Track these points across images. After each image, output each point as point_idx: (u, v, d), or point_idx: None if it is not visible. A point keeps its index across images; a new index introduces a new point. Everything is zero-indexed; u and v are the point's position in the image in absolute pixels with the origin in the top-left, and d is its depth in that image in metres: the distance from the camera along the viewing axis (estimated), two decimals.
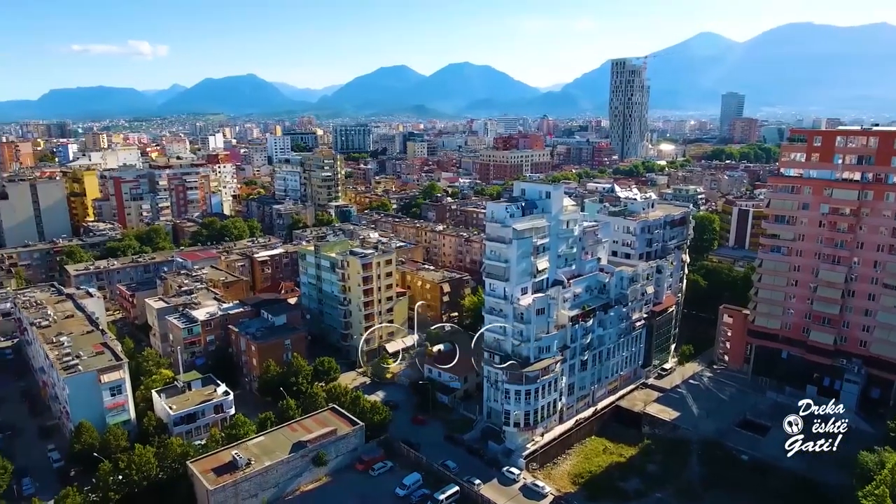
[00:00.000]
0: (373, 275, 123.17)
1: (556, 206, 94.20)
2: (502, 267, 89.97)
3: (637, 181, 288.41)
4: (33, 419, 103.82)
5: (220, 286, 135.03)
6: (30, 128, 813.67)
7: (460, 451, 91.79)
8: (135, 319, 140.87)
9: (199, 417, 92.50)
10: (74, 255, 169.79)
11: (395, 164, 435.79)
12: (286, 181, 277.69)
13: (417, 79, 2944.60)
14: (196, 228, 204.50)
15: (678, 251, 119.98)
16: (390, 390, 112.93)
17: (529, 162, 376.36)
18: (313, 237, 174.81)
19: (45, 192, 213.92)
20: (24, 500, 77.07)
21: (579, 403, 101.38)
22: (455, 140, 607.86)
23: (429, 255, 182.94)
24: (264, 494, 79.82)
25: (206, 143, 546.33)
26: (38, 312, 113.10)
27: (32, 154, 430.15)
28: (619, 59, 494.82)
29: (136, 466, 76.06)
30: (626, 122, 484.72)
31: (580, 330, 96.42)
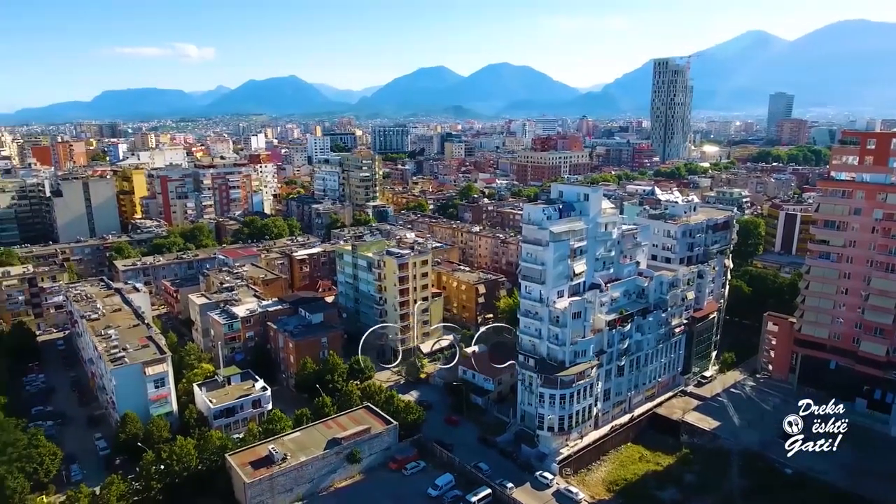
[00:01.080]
0: (409, 275, 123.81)
1: (595, 209, 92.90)
2: (538, 269, 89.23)
3: (679, 184, 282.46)
4: (82, 408, 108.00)
5: (259, 283, 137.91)
6: (83, 128, 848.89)
7: (493, 454, 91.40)
8: (178, 314, 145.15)
9: (237, 411, 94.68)
10: (123, 251, 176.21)
11: (432, 165, 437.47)
12: (325, 181, 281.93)
13: (456, 79, 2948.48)
14: (238, 227, 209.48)
15: (721, 256, 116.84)
16: (424, 390, 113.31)
17: (568, 163, 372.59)
18: (351, 237, 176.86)
19: (97, 190, 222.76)
20: (72, 485, 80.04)
21: (615, 409, 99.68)
22: (493, 141, 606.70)
23: (465, 256, 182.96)
24: (299, 489, 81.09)
25: (248, 144, 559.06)
26: (88, 306, 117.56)
27: (85, 153, 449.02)
28: (662, 58, 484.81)
29: (177, 457, 78.32)
30: (668, 123, 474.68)
31: (617, 335, 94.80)
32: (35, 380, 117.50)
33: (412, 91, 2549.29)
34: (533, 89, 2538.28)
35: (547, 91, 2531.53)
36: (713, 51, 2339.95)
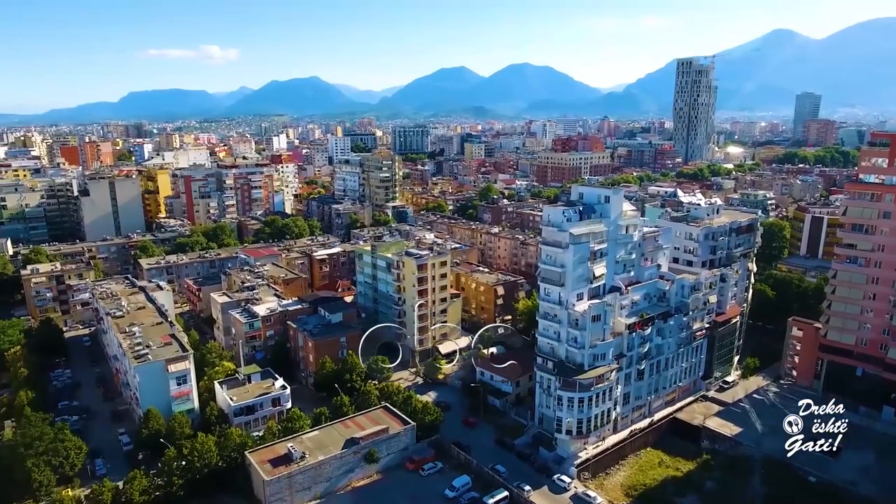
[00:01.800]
0: (428, 276, 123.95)
1: (615, 211, 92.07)
2: (558, 272, 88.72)
3: (701, 185, 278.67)
4: (107, 403, 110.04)
5: (280, 283, 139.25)
6: (110, 128, 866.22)
7: (510, 456, 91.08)
8: (200, 312, 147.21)
9: (257, 409, 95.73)
10: (147, 250, 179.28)
11: (452, 166, 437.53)
12: (345, 181, 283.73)
13: (476, 80, 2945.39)
14: (259, 226, 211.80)
15: (744, 259, 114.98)
16: (442, 391, 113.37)
17: (588, 164, 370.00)
18: (370, 237, 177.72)
19: (123, 189, 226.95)
20: (96, 479, 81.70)
21: (635, 414, 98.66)
22: (513, 142, 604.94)
23: (484, 258, 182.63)
24: (317, 488, 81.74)
25: (270, 144, 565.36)
26: (113, 303, 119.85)
27: (112, 153, 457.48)
28: (685, 58, 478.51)
29: (198, 454, 79.49)
30: (692, 124, 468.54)
31: (637, 338, 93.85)
32: (62, 375, 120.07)
33: (433, 91, 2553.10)
34: (554, 90, 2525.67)
35: (568, 91, 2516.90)
36: (738, 50, 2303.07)
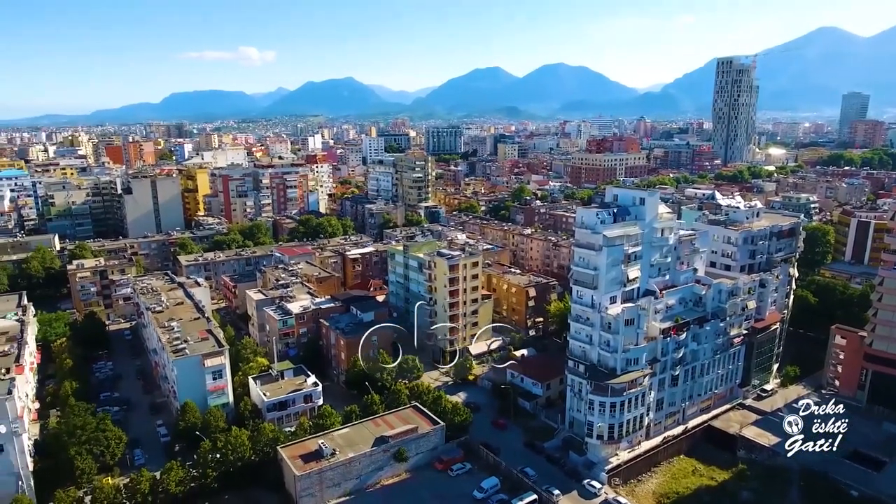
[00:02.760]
0: (459, 276, 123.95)
1: (651, 213, 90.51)
2: (591, 274, 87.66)
3: (741, 188, 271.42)
4: (146, 395, 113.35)
5: (313, 281, 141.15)
6: (152, 128, 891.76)
7: (540, 459, 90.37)
8: (236, 309, 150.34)
9: (289, 405, 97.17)
10: (186, 247, 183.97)
11: (485, 166, 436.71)
12: (379, 181, 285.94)
13: (510, 80, 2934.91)
14: (294, 225, 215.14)
15: (785, 264, 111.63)
16: (472, 392, 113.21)
17: (624, 165, 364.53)
18: (403, 237, 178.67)
19: (164, 187, 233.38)
20: (135, 469, 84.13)
21: (668, 420, 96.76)
22: (546, 142, 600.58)
23: (515, 259, 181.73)
24: (347, 485, 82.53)
25: (305, 144, 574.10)
26: (153, 298, 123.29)
27: (154, 153, 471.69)
28: (726, 57, 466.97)
29: (232, 447, 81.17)
30: (731, 125, 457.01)
31: (672, 343, 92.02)
32: (104, 367, 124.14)
33: (466, 92, 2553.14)
34: (589, 90, 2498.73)
35: (603, 92, 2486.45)
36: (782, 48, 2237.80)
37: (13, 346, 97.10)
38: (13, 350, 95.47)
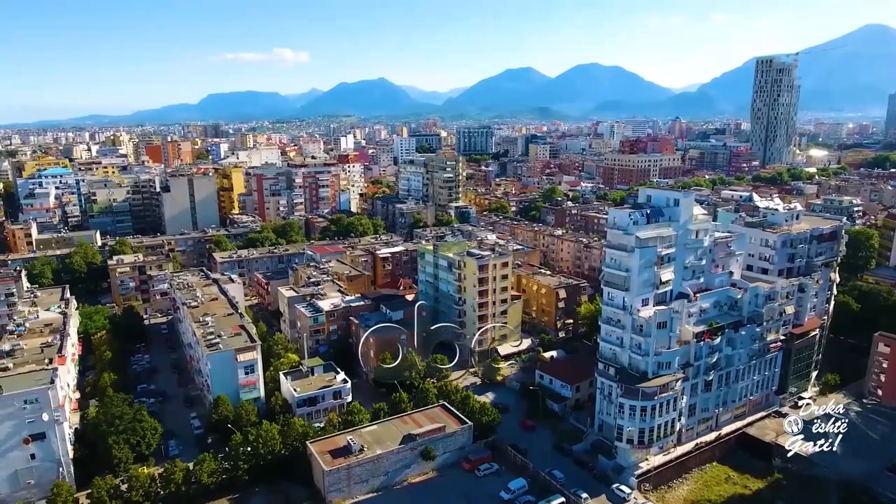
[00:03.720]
0: (488, 276, 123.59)
1: (685, 215, 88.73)
2: (622, 276, 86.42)
3: (780, 190, 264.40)
4: (180, 388, 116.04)
5: (344, 279, 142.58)
6: (190, 129, 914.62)
7: (568, 462, 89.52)
8: (268, 305, 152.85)
9: (319, 401, 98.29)
10: (221, 244, 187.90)
11: (515, 167, 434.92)
12: (409, 181, 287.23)
13: (543, 80, 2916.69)
14: (325, 224, 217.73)
15: (826, 269, 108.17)
16: (500, 392, 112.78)
17: (658, 167, 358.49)
18: (433, 237, 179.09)
19: (200, 186, 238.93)
20: (169, 459, 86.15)
21: (700, 426, 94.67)
22: (579, 143, 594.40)
23: (546, 260, 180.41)
24: (374, 481, 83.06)
25: (338, 144, 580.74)
26: (189, 294, 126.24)
27: (191, 152, 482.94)
28: (766, 56, 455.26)
29: (262, 441, 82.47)
30: (771, 125, 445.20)
31: (706, 348, 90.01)
32: (141, 360, 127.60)
33: (498, 92, 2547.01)
34: (623, 90, 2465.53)
35: (638, 92, 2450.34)
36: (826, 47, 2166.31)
37: (56, 338, 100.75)
38: (56, 341, 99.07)
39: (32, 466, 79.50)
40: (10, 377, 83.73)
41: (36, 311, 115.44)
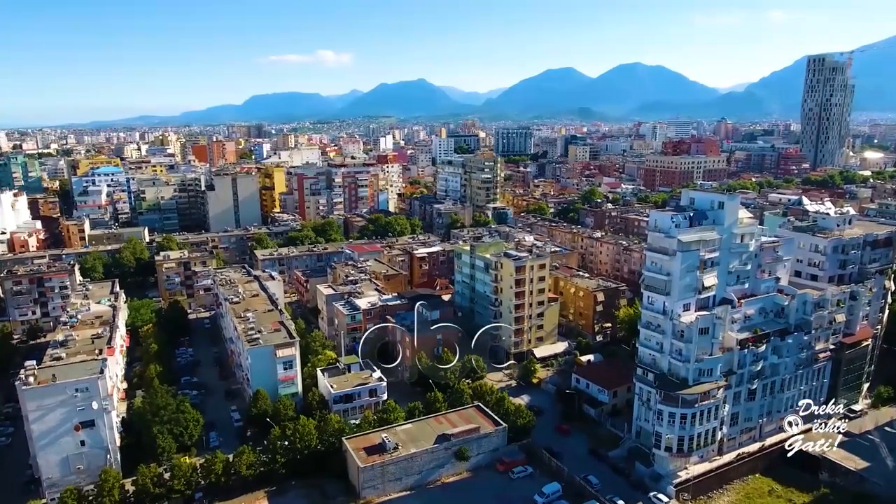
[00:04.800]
0: (525, 278, 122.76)
1: (730, 218, 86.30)
2: (663, 280, 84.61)
3: (831, 193, 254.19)
4: (222, 381, 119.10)
5: (381, 278, 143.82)
6: (234, 129, 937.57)
7: (604, 468, 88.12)
8: (307, 303, 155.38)
9: (355, 398, 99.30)
10: (262, 242, 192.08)
11: (554, 168, 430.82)
12: (447, 182, 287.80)
13: (583, 81, 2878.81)
14: (364, 223, 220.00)
15: (880, 276, 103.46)
16: (535, 395, 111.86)
17: (701, 169, 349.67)
18: (470, 237, 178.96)
19: (243, 185, 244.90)
20: (210, 450, 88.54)
21: (743, 436, 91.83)
22: (620, 144, 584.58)
23: (584, 262, 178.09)
24: (408, 479, 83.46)
25: (377, 144, 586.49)
26: (231, 290, 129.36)
27: (235, 152, 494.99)
28: (818, 54, 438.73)
29: (299, 436, 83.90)
30: (822, 126, 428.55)
31: (750, 355, 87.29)
32: (185, 353, 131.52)
33: (538, 93, 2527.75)
34: (666, 90, 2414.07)
35: (682, 92, 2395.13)
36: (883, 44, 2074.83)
37: (106, 330, 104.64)
38: (106, 333, 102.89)
39: (82, 452, 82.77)
40: (62, 366, 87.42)
41: (87, 303, 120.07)
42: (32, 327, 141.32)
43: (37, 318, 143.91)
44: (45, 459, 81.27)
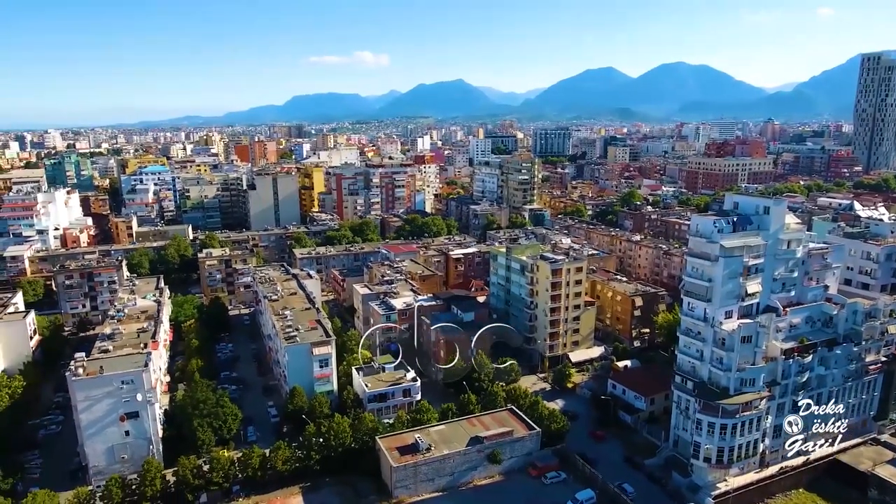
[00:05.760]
0: (562, 281, 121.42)
1: (776, 223, 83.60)
2: (704, 286, 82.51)
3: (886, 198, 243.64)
4: (260, 377, 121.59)
5: (416, 279, 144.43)
6: (275, 129, 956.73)
7: (640, 477, 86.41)
8: (343, 302, 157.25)
9: (389, 398, 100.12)
10: (301, 241, 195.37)
11: (593, 169, 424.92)
12: (484, 183, 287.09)
13: (624, 81, 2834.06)
14: (400, 223, 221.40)
15: None
16: (570, 400, 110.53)
17: (747, 171, 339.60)
18: (506, 239, 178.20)
19: (283, 184, 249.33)
20: (247, 444, 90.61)
21: (787, 449, 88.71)
22: (661, 145, 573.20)
23: (622, 266, 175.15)
24: (440, 481, 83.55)
25: (414, 145, 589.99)
26: (270, 287, 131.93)
27: (276, 152, 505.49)
28: (873, 52, 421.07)
29: (334, 433, 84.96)
30: (877, 127, 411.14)
31: (795, 366, 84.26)
32: (225, 348, 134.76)
33: (577, 93, 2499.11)
34: (710, 90, 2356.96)
35: (727, 91, 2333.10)
36: None
37: (151, 324, 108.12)
38: (151, 327, 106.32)
39: (126, 442, 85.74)
40: (110, 359, 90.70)
41: (134, 298, 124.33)
42: (82, 320, 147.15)
43: (86, 311, 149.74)
44: (91, 448, 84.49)
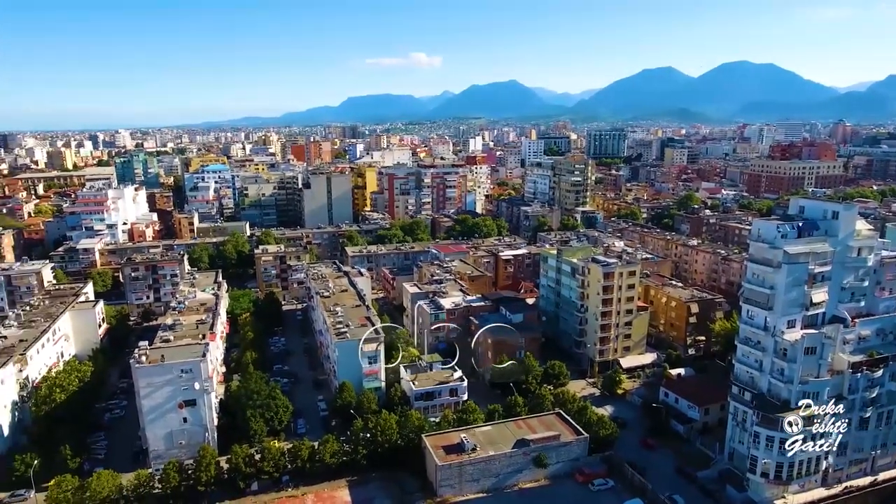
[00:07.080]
0: (614, 285, 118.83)
1: (846, 229, 79.33)
2: (765, 293, 79.07)
3: None
4: (310, 371, 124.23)
5: (466, 279, 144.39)
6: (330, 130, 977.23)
7: (692, 489, 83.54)
8: (393, 300, 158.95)
9: (436, 397, 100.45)
10: (352, 239, 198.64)
11: (649, 172, 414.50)
12: (536, 184, 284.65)
13: (683, 80, 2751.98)
14: (451, 223, 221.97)
15: None
16: (620, 406, 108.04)
17: (814, 174, 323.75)
18: (557, 241, 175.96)
19: (337, 184, 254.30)
20: (297, 436, 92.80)
21: (853, 468, 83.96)
22: (721, 147, 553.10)
23: (677, 271, 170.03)
24: (485, 482, 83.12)
25: (466, 145, 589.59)
26: (322, 284, 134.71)
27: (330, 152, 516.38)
28: None
29: (381, 429, 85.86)
30: None
31: (864, 380, 79.59)
32: (278, 342, 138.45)
33: (634, 93, 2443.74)
34: (776, 90, 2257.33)
35: (794, 91, 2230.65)
36: None
37: (209, 316, 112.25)
38: (209, 319, 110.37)
39: (184, 429, 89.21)
40: (170, 348, 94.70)
41: (194, 291, 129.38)
42: (146, 310, 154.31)
43: (150, 301, 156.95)
44: (152, 433, 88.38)
